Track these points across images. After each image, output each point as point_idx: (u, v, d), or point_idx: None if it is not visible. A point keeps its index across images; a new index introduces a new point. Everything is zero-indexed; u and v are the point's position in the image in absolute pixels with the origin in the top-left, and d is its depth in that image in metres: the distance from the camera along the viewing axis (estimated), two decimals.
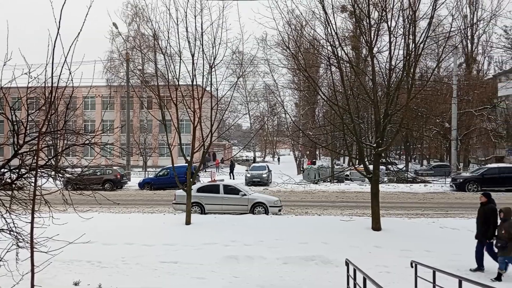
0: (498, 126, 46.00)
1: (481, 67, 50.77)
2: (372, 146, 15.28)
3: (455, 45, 28.47)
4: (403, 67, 13.87)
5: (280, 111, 53.99)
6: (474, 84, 42.60)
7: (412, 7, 13.14)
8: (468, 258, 9.99)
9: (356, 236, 12.48)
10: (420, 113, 32.47)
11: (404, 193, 26.65)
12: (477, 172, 29.04)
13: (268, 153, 75.40)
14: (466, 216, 17.07)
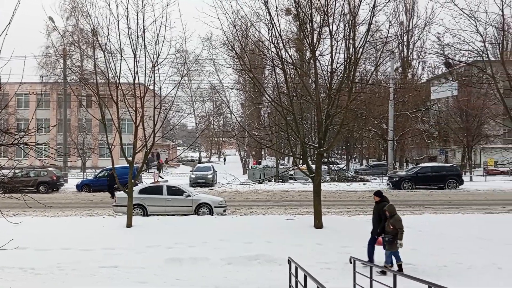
0: (431, 128, 49.02)
1: (416, 72, 53.82)
2: (314, 146, 15.69)
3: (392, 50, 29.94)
4: (344, 70, 14.38)
5: (225, 111, 53.97)
6: (409, 87, 45.13)
7: (352, 13, 13.64)
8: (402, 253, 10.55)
9: (299, 235, 12.75)
10: (360, 115, 33.93)
11: (345, 192, 27.63)
12: (412, 171, 30.75)
13: (214, 153, 75.07)
14: (402, 212, 17.90)
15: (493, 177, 37.91)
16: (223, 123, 60.98)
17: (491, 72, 15.67)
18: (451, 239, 12.25)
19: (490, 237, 12.25)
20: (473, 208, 19.51)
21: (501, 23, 15.24)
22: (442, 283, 7.82)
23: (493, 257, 10.07)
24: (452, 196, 24.88)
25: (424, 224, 14.55)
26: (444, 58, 23.68)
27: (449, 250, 10.94)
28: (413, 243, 11.62)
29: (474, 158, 44.59)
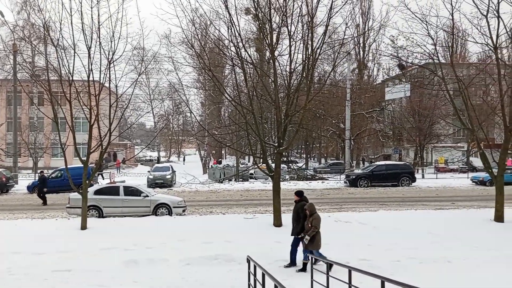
0: (386, 127, 50.65)
1: (372, 73, 55.43)
2: (274, 145, 15.82)
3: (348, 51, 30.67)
4: (302, 70, 14.60)
5: (185, 110, 53.30)
6: (365, 88, 46.43)
7: (309, 14, 13.87)
8: (359, 249, 10.86)
9: (258, 233, 12.82)
10: (318, 114, 34.57)
11: (304, 190, 27.95)
12: (367, 169, 31.68)
13: (173, 152, 73.97)
14: (358, 209, 18.48)
15: (443, 174, 39.73)
16: (183, 122, 60.19)
17: (441, 74, 16.40)
18: (405, 234, 12.71)
19: (441, 232, 12.82)
20: (425, 204, 20.37)
21: (451, 27, 15.98)
22: (396, 277, 8.10)
23: (443, 251, 10.55)
24: (406, 193, 25.85)
25: (379, 220, 15.05)
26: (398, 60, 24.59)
27: (402, 245, 11.34)
28: (368, 239, 12.00)
29: (426, 157, 46.51)
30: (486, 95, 28.75)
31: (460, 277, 8.43)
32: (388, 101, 48.49)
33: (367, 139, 48.97)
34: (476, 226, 13.90)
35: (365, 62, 51.75)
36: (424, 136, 40.54)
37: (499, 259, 9.83)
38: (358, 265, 8.76)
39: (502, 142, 16.61)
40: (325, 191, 27.21)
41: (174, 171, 32.92)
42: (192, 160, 64.15)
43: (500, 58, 16.10)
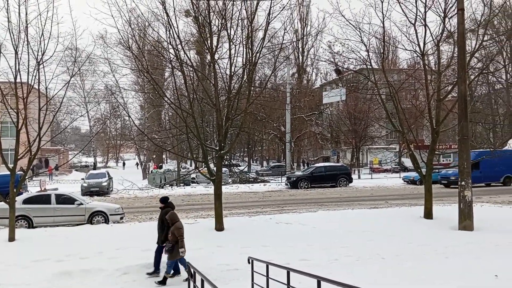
0: (324, 130, 52.35)
1: (310, 77, 57.12)
2: (215, 149, 15.72)
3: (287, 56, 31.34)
4: (243, 74, 14.66)
5: (122, 113, 51.58)
6: (305, 92, 47.72)
7: (249, 18, 13.97)
8: (299, 249, 11.06)
9: (200, 238, 12.63)
10: (259, 118, 34.96)
11: (246, 193, 28.17)
12: (307, 171, 32.53)
13: (111, 158, 71.29)
14: (298, 211, 18.86)
15: (378, 174, 41.77)
16: (121, 126, 58.19)
17: (374, 79, 17.22)
18: (342, 233, 13.15)
19: (375, 230, 13.41)
20: (361, 203, 21.24)
21: (382, 34, 16.83)
22: (334, 275, 8.35)
23: (377, 249, 11.02)
24: (343, 193, 26.83)
25: (318, 220, 15.44)
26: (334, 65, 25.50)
27: (340, 243, 11.72)
28: (308, 240, 12.28)
29: (362, 158, 48.65)
30: (415, 99, 30.61)
31: (393, 272, 8.85)
32: (326, 105, 50.15)
33: (307, 141, 50.34)
34: (408, 223, 14.69)
35: (304, 66, 53.18)
36: (360, 138, 42.40)
37: (428, 254, 10.46)
38: (298, 266, 8.92)
39: (430, 143, 17.71)
40: (267, 194, 27.52)
41: (111, 178, 31.53)
42: (132, 165, 62.19)
43: (427, 65, 17.19)
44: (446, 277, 8.22)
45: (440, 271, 8.70)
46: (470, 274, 8.36)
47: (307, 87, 52.87)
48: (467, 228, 13.33)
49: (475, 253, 10.32)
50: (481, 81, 45.02)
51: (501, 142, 33.42)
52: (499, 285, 7.57)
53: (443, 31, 15.40)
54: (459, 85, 13.88)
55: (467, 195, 13.40)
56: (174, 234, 8.76)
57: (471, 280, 7.97)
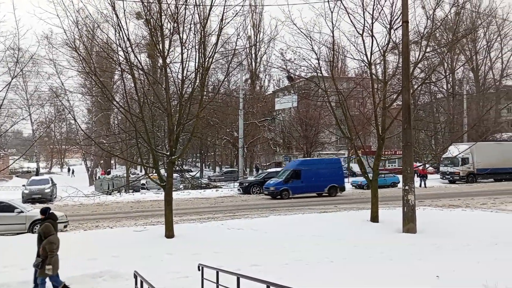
0: (276, 136, 52.93)
1: (263, 84, 57.64)
2: (165, 154, 15.43)
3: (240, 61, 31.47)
4: (195, 78, 14.52)
5: (68, 116, 49.38)
6: (257, 98, 48.08)
7: (201, 23, 13.88)
8: (250, 255, 11.06)
9: (149, 246, 12.33)
10: (212, 123, 34.77)
11: (198, 199, 27.85)
12: (260, 176, 32.69)
13: (55, 163, 68.01)
14: (250, 216, 18.88)
15: None
16: (66, 130, 55.67)
17: (324, 86, 17.66)
18: (293, 238, 13.31)
19: (324, 234, 13.70)
20: (312, 208, 21.63)
21: (332, 43, 17.33)
22: (284, 280, 8.41)
23: (326, 252, 11.26)
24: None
25: (270, 225, 15.56)
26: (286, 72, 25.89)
27: (290, 248, 11.85)
28: (260, 245, 12.31)
29: None
30: (362, 107, 31.70)
31: (341, 275, 9.05)
32: (279, 111, 50.80)
33: (259, 147, 50.66)
34: (355, 227, 15.14)
35: (257, 73, 53.60)
36: (311, 144, 43.21)
37: (374, 256, 10.80)
38: (249, 271, 8.90)
39: (376, 149, 18.38)
40: (219, 199, 27.36)
41: (55, 184, 29.95)
42: (78, 170, 59.68)
43: (374, 74, 17.89)
44: (391, 279, 8.52)
45: (385, 273, 9.00)
46: (413, 276, 8.71)
47: (260, 93, 53.30)
48: (411, 230, 13.93)
49: (418, 255, 10.78)
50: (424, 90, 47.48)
51: (442, 148, 35.33)
52: (440, 285, 7.93)
53: (389, 42, 16.10)
54: (403, 93, 14.54)
55: (410, 199, 14.03)
56: (44, 249, 8.01)
57: (414, 281, 8.30)
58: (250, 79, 53.28)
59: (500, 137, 49.83)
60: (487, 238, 12.75)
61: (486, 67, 57.50)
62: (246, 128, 41.65)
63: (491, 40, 55.26)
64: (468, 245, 11.93)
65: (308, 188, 27.53)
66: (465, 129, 36.45)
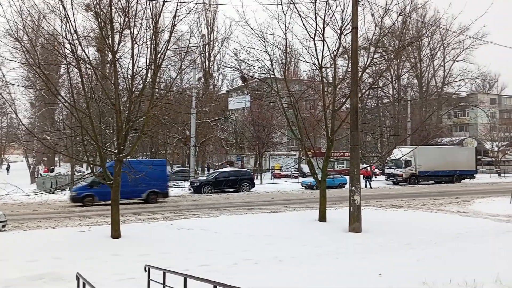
0: (229, 135, 52.92)
1: (217, 83, 57.37)
2: (113, 152, 14.95)
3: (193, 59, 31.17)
4: (146, 75, 14.19)
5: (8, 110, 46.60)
6: (210, 97, 47.80)
7: (154, 19, 13.58)
8: (199, 255, 10.98)
9: (93, 247, 11.91)
10: (163, 121, 34.10)
11: None
12: (211, 176, 32.53)
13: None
14: (201, 216, 18.74)
15: (279, 180, 43.31)
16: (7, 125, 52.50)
17: (277, 88, 17.87)
18: (243, 237, 13.36)
19: (274, 234, 13.87)
20: (262, 208, 21.81)
21: (285, 45, 17.56)
22: (233, 280, 8.44)
23: (276, 251, 11.39)
24: (245, 198, 27.33)
25: (220, 225, 15.52)
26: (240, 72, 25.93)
27: (240, 248, 11.88)
28: (209, 245, 12.25)
29: (264, 163, 50.10)
30: (313, 109, 32.44)
31: (289, 274, 9.20)
32: (232, 111, 50.80)
33: (212, 146, 50.41)
34: (304, 226, 15.45)
35: (210, 72, 53.26)
36: (263, 144, 43.64)
37: (321, 255, 11.08)
38: (197, 272, 8.84)
39: (326, 150, 18.84)
40: (169, 199, 26.91)
41: None
42: (19, 168, 56.50)
43: (325, 77, 18.33)
44: (336, 277, 8.77)
45: (331, 271, 9.25)
46: (358, 273, 9.02)
47: (213, 92, 53.03)
48: (356, 230, 14.42)
49: (362, 253, 11.18)
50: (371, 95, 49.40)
51: (387, 151, 36.87)
52: (382, 283, 8.26)
53: (339, 47, 16.54)
54: (352, 97, 15.01)
55: (356, 199, 14.51)
56: None
57: (358, 279, 8.60)
58: (204, 78, 52.86)
59: (441, 141, 52.82)
60: (427, 237, 13.46)
61: (430, 74, 60.75)
62: (198, 127, 41.26)
63: (435, 49, 58.47)
64: (409, 244, 12.51)
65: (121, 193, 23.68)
66: (408, 133, 38.23)
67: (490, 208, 20.63)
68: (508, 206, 21.27)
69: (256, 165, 46.11)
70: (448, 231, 14.56)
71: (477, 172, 45.59)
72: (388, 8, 15.68)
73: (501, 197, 25.70)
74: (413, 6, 24.08)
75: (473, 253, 11.14)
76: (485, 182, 41.96)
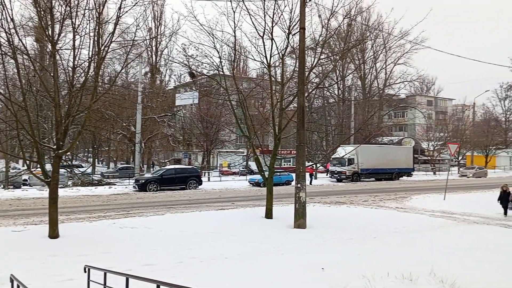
0: (176, 132, 52.10)
1: (164, 78, 56.25)
2: (51, 148, 14.22)
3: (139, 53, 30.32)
4: (88, 67, 13.61)
5: None
6: (157, 92, 46.77)
7: (97, 9, 13.05)
8: (143, 254, 10.72)
9: (29, 247, 11.27)
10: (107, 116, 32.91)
11: (88, 196, 26.18)
12: (157, 173, 31.86)
13: None
14: (146, 214, 18.31)
15: (227, 177, 43.34)
16: None
17: (225, 85, 17.82)
18: (188, 235, 13.21)
19: (220, 231, 13.85)
20: (209, 205, 21.70)
21: (234, 43, 17.54)
22: (178, 278, 8.33)
23: (221, 249, 11.37)
24: (192, 195, 27.05)
25: (165, 224, 15.26)
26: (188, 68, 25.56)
27: (186, 246, 11.75)
28: (154, 244, 12.00)
29: (212, 161, 49.87)
30: (262, 107, 32.72)
31: (235, 270, 9.23)
32: (179, 107, 50.03)
33: (158, 143, 49.37)
34: (251, 223, 15.56)
35: (157, 66, 52.13)
36: (211, 141, 43.39)
37: (267, 251, 11.21)
38: (141, 271, 8.64)
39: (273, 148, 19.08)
40: (112, 197, 26.06)
41: None
42: None
43: (273, 76, 18.53)
44: (280, 272, 8.92)
45: (275, 267, 9.40)
46: (302, 268, 9.23)
47: (160, 87, 51.94)
48: (301, 226, 14.74)
49: (306, 249, 11.45)
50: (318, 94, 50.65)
51: (331, 149, 38.01)
52: (324, 277, 8.52)
53: (287, 46, 16.79)
54: (299, 96, 15.30)
55: (301, 196, 14.83)
56: None
57: (302, 274, 8.80)
58: (150, 72, 51.65)
59: (381, 140, 55.29)
60: (367, 232, 14.03)
61: (372, 76, 63.33)
62: (144, 123, 40.23)
63: (377, 52, 61.01)
64: (351, 239, 12.98)
65: None
66: (352, 132, 39.64)
67: (426, 204, 21.88)
68: (442, 202, 22.69)
69: (204, 163, 45.78)
70: (387, 226, 15.27)
71: (414, 170, 48.25)
72: (335, 11, 16.13)
73: (435, 193, 27.36)
74: (358, 9, 24.93)
75: (410, 247, 11.77)
76: (421, 180, 44.44)
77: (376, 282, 7.83)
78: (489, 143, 57.62)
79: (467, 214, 18.87)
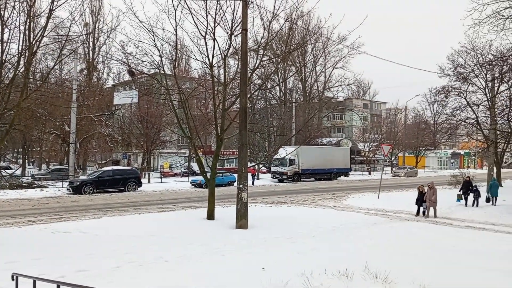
0: (115, 132, 50.27)
1: (101, 76, 54.08)
2: None
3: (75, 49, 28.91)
4: (17, 63, 12.78)
5: None
6: (94, 91, 44.87)
7: (28, 2, 12.30)
8: (77, 260, 10.22)
9: None
10: (39, 114, 31.05)
11: (17, 200, 24.52)
12: (94, 175, 30.53)
13: None
14: (80, 218, 17.49)
15: (168, 178, 42.54)
16: None
17: (166, 84, 17.47)
18: (127, 239, 12.79)
19: (160, 234, 13.55)
20: (149, 208, 21.16)
21: (175, 41, 17.24)
22: (114, 284, 8.07)
23: (161, 252, 11.12)
24: (131, 198, 26.24)
25: (101, 228, 14.66)
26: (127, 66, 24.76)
27: (124, 250, 11.35)
28: (89, 248, 11.49)
29: (153, 162, 48.69)
30: (204, 108, 32.50)
31: (174, 274, 9.07)
32: (118, 106, 48.35)
33: (95, 143, 47.36)
34: (192, 225, 15.38)
35: (94, 63, 50.02)
36: (151, 142, 42.34)
37: (208, 253, 11.13)
38: (75, 278, 8.23)
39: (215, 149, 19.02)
40: (44, 200, 24.62)
41: None
42: None
43: (215, 76, 18.47)
44: (222, 273, 8.90)
45: (216, 269, 9.36)
46: (243, 269, 9.27)
47: (98, 85, 49.89)
48: (243, 226, 14.82)
49: (248, 249, 11.53)
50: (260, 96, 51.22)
51: (273, 150, 38.59)
52: (264, 276, 8.61)
53: (229, 47, 16.78)
54: (241, 97, 15.38)
55: (243, 196, 14.91)
56: None
57: (243, 274, 8.84)
58: (87, 69, 49.44)
59: (321, 141, 57.05)
60: (307, 231, 14.39)
61: (312, 79, 65.16)
62: (79, 122, 38.40)
63: (317, 56, 62.89)
64: (291, 238, 13.25)
65: None
66: (293, 133, 40.51)
67: (361, 203, 22.88)
68: (376, 200, 23.84)
69: (144, 164, 44.56)
70: (325, 224, 15.77)
71: (351, 170, 50.30)
72: (276, 13, 16.36)
73: (370, 192, 28.69)
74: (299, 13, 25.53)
75: (347, 244, 12.24)
76: (357, 179, 46.42)
77: (314, 279, 8.05)
78: (419, 144, 61.48)
79: (399, 211, 19.97)
